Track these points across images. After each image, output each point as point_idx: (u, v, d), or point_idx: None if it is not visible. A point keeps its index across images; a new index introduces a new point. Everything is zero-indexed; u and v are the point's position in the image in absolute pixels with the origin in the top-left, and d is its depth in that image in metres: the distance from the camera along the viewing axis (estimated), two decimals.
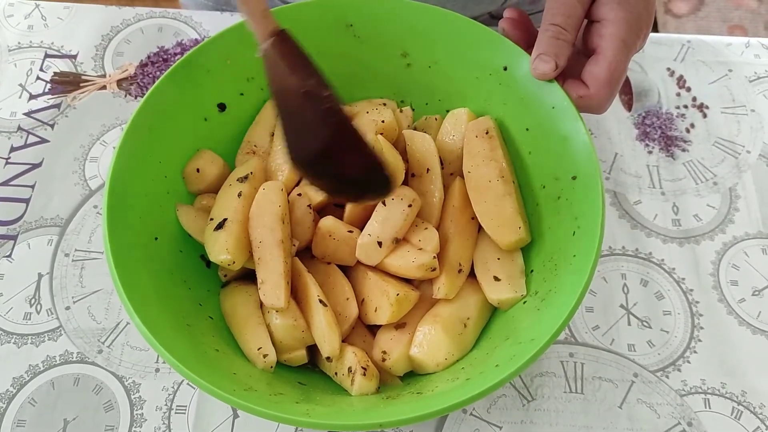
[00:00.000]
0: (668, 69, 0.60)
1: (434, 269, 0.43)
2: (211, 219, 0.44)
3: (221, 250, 0.42)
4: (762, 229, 0.53)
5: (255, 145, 0.48)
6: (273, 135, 0.48)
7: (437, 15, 0.47)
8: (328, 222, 0.45)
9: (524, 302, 0.43)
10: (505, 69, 0.46)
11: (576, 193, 0.42)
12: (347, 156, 0.39)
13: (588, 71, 0.42)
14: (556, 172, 0.44)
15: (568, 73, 0.43)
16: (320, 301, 0.42)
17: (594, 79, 0.42)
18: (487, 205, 0.45)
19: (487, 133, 0.47)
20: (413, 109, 0.51)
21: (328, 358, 0.42)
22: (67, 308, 0.51)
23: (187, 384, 0.48)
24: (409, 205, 0.44)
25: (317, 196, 0.46)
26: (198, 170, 0.46)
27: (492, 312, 0.45)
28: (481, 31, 0.46)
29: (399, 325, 0.43)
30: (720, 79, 0.60)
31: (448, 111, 0.49)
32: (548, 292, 0.41)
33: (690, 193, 0.55)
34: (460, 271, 0.44)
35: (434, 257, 0.43)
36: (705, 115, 0.58)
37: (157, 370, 0.48)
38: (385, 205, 0.44)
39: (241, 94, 0.49)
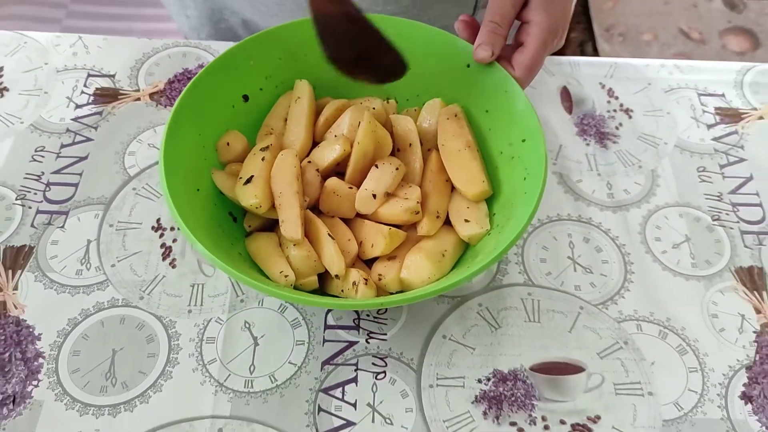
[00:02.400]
0: (600, 83, 0.75)
1: (418, 212, 0.55)
2: (240, 177, 0.56)
3: (251, 196, 0.53)
4: (678, 199, 0.66)
5: (272, 128, 0.61)
6: (285, 120, 0.61)
7: (414, 27, 0.61)
8: (332, 182, 0.56)
9: (488, 234, 0.55)
10: (468, 66, 0.59)
11: (525, 151, 0.55)
12: (377, 54, 0.52)
13: (515, 59, 0.56)
14: (510, 138, 0.57)
15: (502, 59, 0.57)
16: (329, 235, 0.53)
17: (519, 65, 0.56)
18: (458, 168, 0.57)
19: (455, 116, 0.60)
20: (397, 102, 0.63)
21: (336, 276, 0.53)
22: (113, 266, 0.61)
23: (215, 321, 0.58)
24: (396, 168, 0.56)
25: (323, 162, 0.57)
26: (228, 144, 0.58)
27: (465, 247, 0.56)
28: (448, 38, 0.60)
29: (391, 257, 0.55)
30: (641, 90, 0.74)
31: (424, 103, 0.62)
32: (506, 222, 0.53)
33: (620, 174, 0.68)
34: (438, 216, 0.56)
35: (417, 203, 0.55)
36: (630, 117, 0.72)
37: (190, 311, 0.58)
38: (377, 167, 0.56)
39: (261, 89, 0.61)
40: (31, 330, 0.57)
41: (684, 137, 0.71)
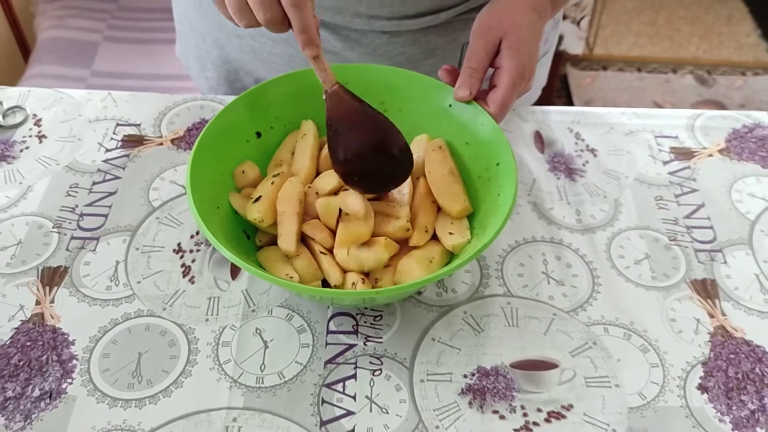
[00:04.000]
0: (568, 128, 0.85)
1: (408, 230, 0.63)
2: (251, 198, 0.65)
3: (255, 211, 0.62)
4: (639, 223, 0.75)
5: (281, 160, 0.70)
6: (293, 153, 0.70)
7: (403, 75, 0.71)
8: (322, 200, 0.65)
9: (469, 243, 0.63)
10: (450, 106, 0.69)
11: (500, 173, 0.64)
12: (388, 149, 0.64)
13: (490, 98, 0.66)
14: (486, 164, 0.66)
15: (479, 98, 0.67)
16: (321, 252, 0.62)
17: (493, 102, 0.65)
18: (442, 191, 0.66)
19: (440, 148, 0.69)
20: None
21: (335, 287, 0.61)
22: (138, 282, 0.68)
23: (230, 328, 0.65)
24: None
25: (324, 188, 0.66)
26: (243, 171, 0.67)
27: (450, 257, 0.65)
28: (432, 83, 0.70)
29: (386, 265, 0.63)
30: (605, 133, 0.84)
31: (413, 138, 0.72)
32: (483, 232, 0.61)
33: (587, 203, 0.77)
34: (426, 231, 0.65)
35: (407, 221, 0.64)
36: (595, 156, 0.82)
37: (207, 319, 0.66)
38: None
39: (272, 127, 0.71)
40: (66, 336, 0.64)
41: (643, 171, 0.80)
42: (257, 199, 0.64)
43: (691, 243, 0.73)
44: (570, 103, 2.09)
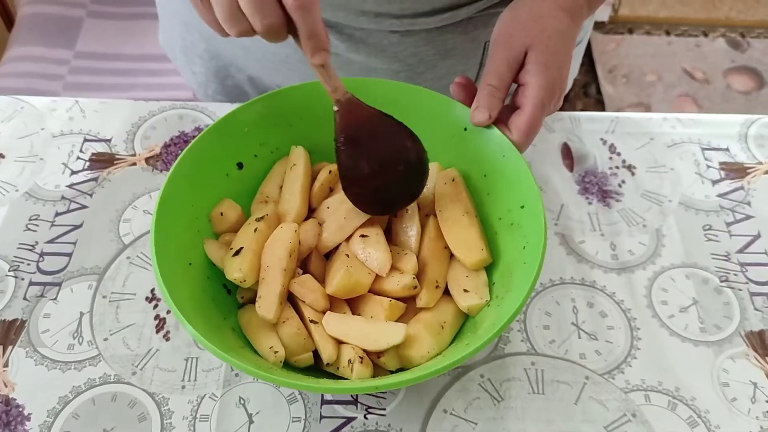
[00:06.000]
0: (601, 139, 0.74)
1: (415, 287, 0.54)
2: (231, 248, 0.55)
3: (235, 269, 0.52)
4: (685, 260, 0.65)
5: (267, 196, 0.60)
6: (281, 187, 0.60)
7: (413, 91, 0.60)
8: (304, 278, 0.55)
9: (488, 306, 0.53)
10: (465, 129, 0.58)
11: (524, 218, 0.54)
12: (402, 161, 0.55)
13: (512, 122, 0.55)
14: (508, 205, 0.56)
15: (499, 122, 0.56)
16: (311, 320, 0.52)
17: (516, 128, 0.54)
18: (456, 235, 0.56)
19: (453, 180, 0.59)
20: None
21: (327, 365, 0.51)
22: (105, 339, 0.59)
23: (209, 397, 0.56)
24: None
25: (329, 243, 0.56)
26: (221, 214, 0.57)
27: (465, 318, 0.55)
28: (446, 101, 0.59)
29: None
30: (644, 145, 0.73)
31: None
32: (505, 293, 0.51)
33: (624, 234, 0.67)
34: (437, 287, 0.55)
35: (413, 277, 0.53)
36: (633, 174, 0.71)
37: (183, 387, 0.57)
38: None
39: (255, 156, 0.60)
40: (20, 410, 0.55)
41: (689, 194, 0.69)
42: (238, 252, 0.54)
43: (746, 285, 0.63)
44: (593, 71, 1.95)
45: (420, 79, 0.72)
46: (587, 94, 1.88)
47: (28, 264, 0.64)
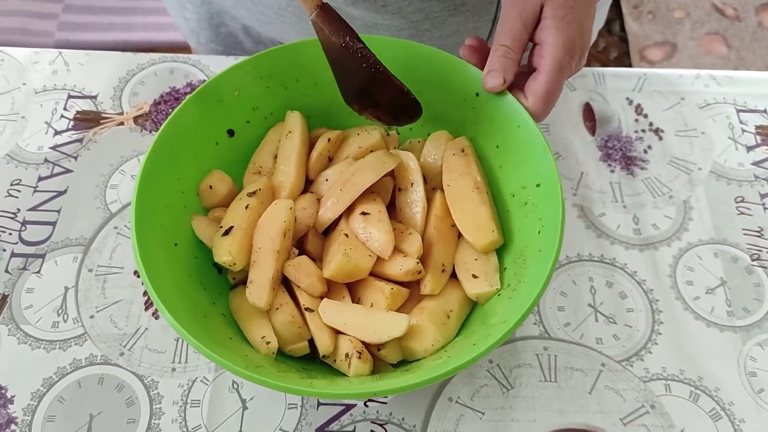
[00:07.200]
0: (627, 98, 0.68)
1: (420, 272, 0.49)
2: (221, 227, 0.50)
3: (225, 252, 0.48)
4: (714, 235, 0.60)
5: (260, 166, 0.55)
6: (275, 157, 0.55)
7: (418, 50, 0.54)
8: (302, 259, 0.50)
9: (499, 294, 0.49)
10: (477, 95, 0.53)
11: (540, 198, 0.49)
12: (381, 89, 0.49)
13: (529, 86, 0.49)
14: (523, 181, 0.51)
15: (514, 87, 0.50)
16: (306, 308, 0.48)
17: (533, 93, 0.49)
18: (465, 213, 0.51)
19: (462, 151, 0.53)
20: (399, 133, 0.57)
21: (324, 356, 0.47)
22: (91, 317, 0.56)
23: (201, 381, 0.53)
24: None
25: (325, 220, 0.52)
26: (210, 187, 0.53)
27: (472, 306, 0.51)
28: (456, 62, 0.53)
29: None
30: (673, 106, 0.67)
31: (429, 134, 0.56)
32: (518, 284, 0.47)
33: (648, 205, 0.61)
34: (443, 271, 0.50)
35: (417, 261, 0.49)
36: (661, 138, 0.65)
37: (174, 369, 0.54)
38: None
39: (248, 122, 0.55)
40: (3, 392, 0.53)
41: (720, 161, 0.64)
42: (228, 231, 0.49)
43: None
44: (617, 5, 1.84)
45: (425, 37, 0.66)
46: (610, 31, 1.79)
47: (10, 233, 0.60)
